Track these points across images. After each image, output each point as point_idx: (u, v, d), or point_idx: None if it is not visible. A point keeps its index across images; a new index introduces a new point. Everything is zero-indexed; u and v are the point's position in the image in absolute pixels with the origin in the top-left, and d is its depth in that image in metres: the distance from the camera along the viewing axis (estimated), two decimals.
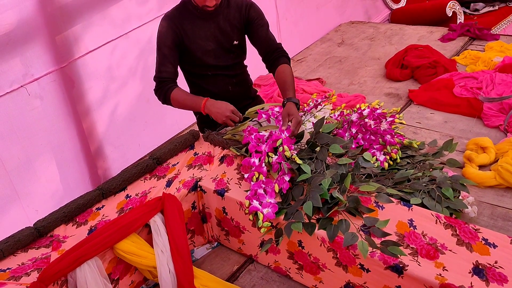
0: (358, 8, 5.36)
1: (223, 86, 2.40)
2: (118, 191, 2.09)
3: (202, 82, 2.40)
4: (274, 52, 2.38)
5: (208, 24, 2.27)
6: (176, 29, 2.24)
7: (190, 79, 2.43)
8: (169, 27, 2.24)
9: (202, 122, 2.50)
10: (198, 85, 2.42)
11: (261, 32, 2.36)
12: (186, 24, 2.25)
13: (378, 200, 1.79)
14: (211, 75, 2.36)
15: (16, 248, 1.81)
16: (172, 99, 2.27)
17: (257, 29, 2.36)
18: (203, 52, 2.29)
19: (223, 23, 2.30)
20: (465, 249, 1.58)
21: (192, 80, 2.42)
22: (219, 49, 2.33)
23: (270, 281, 1.98)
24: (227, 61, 2.37)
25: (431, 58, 3.61)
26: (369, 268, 1.64)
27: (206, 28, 2.27)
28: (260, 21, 2.36)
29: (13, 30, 2.41)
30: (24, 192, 2.62)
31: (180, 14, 2.27)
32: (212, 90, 2.39)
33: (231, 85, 2.42)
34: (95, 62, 2.87)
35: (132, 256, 1.80)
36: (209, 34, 2.28)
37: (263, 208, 1.82)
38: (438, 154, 2.37)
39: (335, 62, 4.17)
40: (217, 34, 2.30)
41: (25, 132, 2.57)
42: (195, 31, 2.26)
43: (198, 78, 2.38)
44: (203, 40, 2.28)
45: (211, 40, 2.29)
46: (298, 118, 2.06)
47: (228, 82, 2.41)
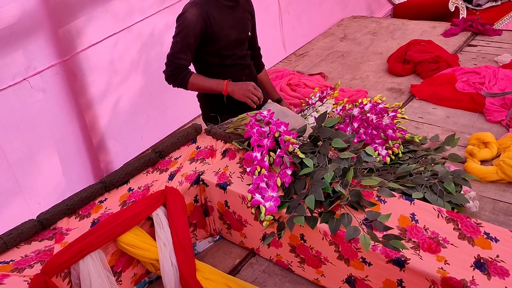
0: (360, 3, 5.34)
1: (238, 77, 2.42)
2: (121, 184, 2.10)
3: (219, 71, 2.40)
4: (257, 52, 2.65)
5: (232, 13, 2.30)
6: (207, 18, 2.22)
7: (207, 69, 2.41)
8: (200, 15, 2.21)
9: (207, 113, 2.51)
10: (215, 74, 2.40)
11: (255, 31, 2.52)
12: (214, 12, 2.25)
13: (380, 194, 1.79)
14: (228, 64, 2.38)
15: (19, 241, 1.81)
16: (190, 83, 2.31)
17: (253, 28, 2.50)
18: (227, 41, 2.32)
19: (242, 13, 2.36)
20: (467, 243, 1.58)
21: (209, 70, 2.40)
22: (239, 38, 2.38)
23: (272, 275, 1.99)
24: (243, 51, 2.43)
25: (434, 53, 3.60)
26: (371, 262, 1.65)
27: (231, 17, 2.30)
28: (255, 25, 2.51)
29: (16, 23, 2.41)
30: (27, 185, 2.63)
31: (209, 1, 2.25)
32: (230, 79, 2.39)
33: (245, 76, 2.46)
34: (98, 56, 2.87)
35: (134, 249, 1.81)
36: (233, 23, 2.31)
37: (265, 202, 1.83)
38: (440, 149, 2.38)
39: (337, 57, 4.16)
40: (238, 24, 2.34)
41: (27, 125, 2.57)
42: (222, 19, 2.26)
43: (216, 67, 2.38)
44: (228, 28, 2.30)
45: (234, 29, 2.32)
46: None
47: (243, 73, 2.45)
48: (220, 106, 2.40)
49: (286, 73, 3.68)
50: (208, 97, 2.44)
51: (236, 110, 2.36)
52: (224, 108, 2.40)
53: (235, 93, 2.27)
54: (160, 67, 3.25)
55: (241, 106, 2.40)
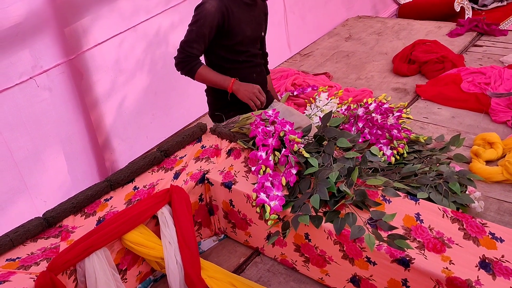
0: (365, 3, 5.33)
1: (248, 74, 2.43)
2: (126, 183, 2.10)
3: (230, 66, 2.40)
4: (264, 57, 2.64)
5: (250, 10, 2.32)
6: (226, 11, 2.23)
7: (219, 63, 2.40)
8: (219, 8, 2.22)
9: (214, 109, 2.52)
10: (226, 69, 2.39)
11: (265, 33, 2.54)
12: (233, 7, 2.26)
13: (385, 194, 1.79)
14: (241, 61, 2.39)
15: (25, 238, 1.82)
16: (198, 73, 2.31)
17: (265, 30, 2.52)
18: (243, 37, 2.33)
19: (258, 12, 2.39)
20: (472, 243, 1.58)
21: (220, 64, 2.40)
22: (254, 36, 2.41)
23: (276, 274, 1.99)
24: (255, 50, 2.46)
25: (439, 53, 3.59)
26: (376, 261, 1.65)
27: (248, 13, 2.32)
28: (266, 31, 2.53)
29: (22, 22, 2.42)
30: (33, 183, 2.64)
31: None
32: (241, 75, 2.40)
33: (256, 74, 2.47)
34: (103, 55, 2.88)
35: (140, 247, 1.82)
36: (249, 20, 2.33)
37: (270, 201, 1.83)
38: (445, 149, 2.38)
39: (342, 57, 4.16)
40: (254, 21, 2.36)
41: (33, 124, 2.58)
42: (240, 15, 2.28)
43: (229, 62, 2.38)
44: (245, 24, 2.31)
45: (250, 26, 2.34)
46: None
47: (254, 71, 2.46)
48: (228, 102, 2.40)
49: (291, 73, 3.67)
50: (216, 93, 2.45)
51: (243, 108, 2.37)
52: (231, 104, 2.41)
53: (239, 92, 2.28)
54: (165, 66, 3.27)
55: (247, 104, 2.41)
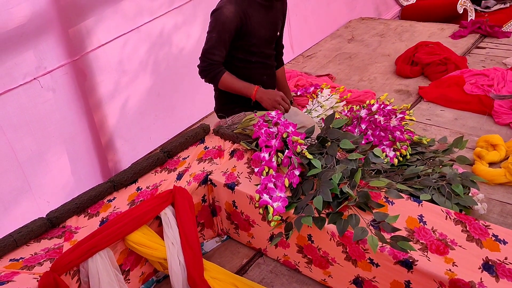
0: (368, 5, 5.34)
1: (260, 75, 2.44)
2: (129, 184, 2.11)
3: (243, 66, 2.40)
4: (281, 49, 2.66)
5: (266, 12, 2.33)
6: (243, 15, 2.24)
7: (231, 61, 2.40)
8: (236, 12, 2.22)
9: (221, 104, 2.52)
10: (237, 68, 2.40)
11: (282, 35, 2.56)
12: (250, 9, 2.27)
13: (388, 196, 1.79)
14: (253, 61, 2.39)
15: (29, 238, 1.83)
16: (221, 81, 2.32)
17: (282, 29, 2.55)
18: (258, 39, 2.34)
19: (275, 13, 2.39)
20: (475, 245, 1.58)
21: (232, 63, 2.39)
22: (270, 37, 2.41)
23: (279, 275, 1.99)
24: (269, 51, 2.47)
25: (442, 55, 3.59)
26: (379, 263, 1.65)
27: (264, 15, 2.32)
28: (284, 24, 2.55)
29: (26, 23, 2.43)
30: (36, 184, 2.64)
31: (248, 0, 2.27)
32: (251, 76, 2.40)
33: (266, 76, 2.48)
34: (107, 56, 2.88)
35: (143, 248, 1.82)
36: (265, 22, 2.33)
37: (273, 202, 1.83)
38: (448, 151, 2.38)
39: (345, 58, 4.16)
40: (270, 23, 2.37)
41: (37, 124, 2.59)
42: (257, 17, 2.29)
43: (241, 62, 2.39)
44: (261, 26, 2.32)
45: (266, 28, 2.35)
46: None
47: (264, 72, 2.47)
48: (236, 98, 2.41)
49: (294, 74, 3.68)
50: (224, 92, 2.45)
51: (249, 107, 2.39)
52: (238, 100, 2.42)
53: (263, 100, 2.29)
54: (168, 67, 3.28)
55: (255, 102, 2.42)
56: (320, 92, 3.05)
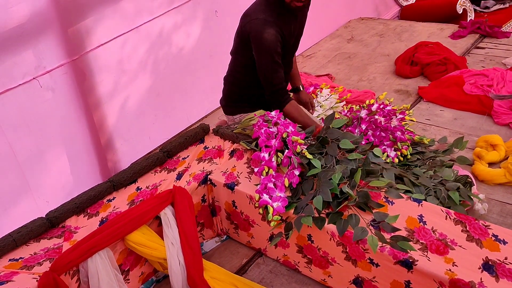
0: (368, 5, 5.34)
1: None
2: (129, 184, 2.11)
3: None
4: None
5: (293, 20, 2.32)
6: (281, 33, 2.24)
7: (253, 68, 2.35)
8: (277, 33, 2.21)
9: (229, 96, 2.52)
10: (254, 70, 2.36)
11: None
12: (284, 25, 2.26)
13: (388, 196, 1.79)
14: None
15: (28, 238, 1.83)
16: (285, 110, 2.31)
17: None
18: (287, 48, 2.35)
19: (301, 18, 2.40)
20: (475, 245, 1.58)
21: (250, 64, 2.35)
22: (296, 43, 2.46)
23: (278, 275, 1.99)
24: (292, 55, 2.51)
25: (441, 55, 3.59)
26: (379, 263, 1.65)
27: (293, 24, 2.33)
28: None
29: (26, 22, 2.42)
30: (35, 184, 2.64)
31: (278, 15, 2.23)
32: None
33: (287, 80, 2.50)
34: (106, 55, 2.88)
35: (142, 248, 1.82)
36: (293, 30, 2.34)
37: (273, 202, 1.83)
38: (448, 151, 2.38)
39: (344, 58, 4.16)
40: (296, 31, 2.38)
41: (36, 124, 2.58)
42: (286, 28, 2.28)
43: None
44: (290, 36, 2.34)
45: (293, 36, 2.37)
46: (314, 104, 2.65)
47: (286, 77, 2.48)
48: (245, 95, 2.44)
49: None
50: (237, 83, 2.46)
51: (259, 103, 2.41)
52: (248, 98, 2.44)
53: None
54: (168, 67, 3.27)
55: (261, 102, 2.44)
56: (319, 92, 3.05)
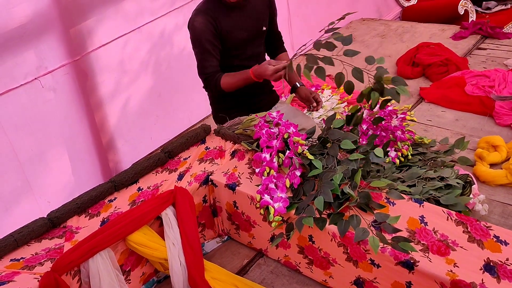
0: (369, 5, 5.34)
1: None
2: (130, 184, 2.10)
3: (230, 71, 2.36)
4: (278, 41, 2.60)
5: (240, 13, 2.30)
6: (212, 20, 2.23)
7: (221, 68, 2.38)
8: (206, 20, 2.22)
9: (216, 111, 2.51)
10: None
11: (275, 22, 2.52)
12: (220, 16, 2.25)
13: (389, 196, 1.79)
14: (236, 65, 2.35)
15: (29, 238, 1.83)
16: (222, 85, 2.28)
17: (273, 19, 2.50)
18: (236, 42, 2.32)
19: (253, 9, 2.35)
20: (476, 246, 1.58)
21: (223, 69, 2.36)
22: (251, 37, 2.37)
23: (280, 275, 1.99)
24: (256, 49, 2.42)
25: (443, 56, 3.59)
26: (380, 264, 1.65)
27: (238, 17, 2.30)
28: (275, 11, 2.49)
29: (28, 23, 2.43)
30: (37, 184, 2.65)
31: (212, 6, 2.25)
32: None
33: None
34: (108, 56, 2.89)
35: (143, 248, 1.82)
36: (241, 23, 2.31)
37: (274, 203, 1.83)
38: (449, 151, 2.37)
39: (345, 59, 4.15)
40: (248, 22, 2.33)
41: (38, 124, 2.59)
42: (228, 21, 2.27)
43: (225, 68, 2.36)
44: (237, 29, 2.30)
45: (244, 29, 2.32)
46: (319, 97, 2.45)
47: None
48: (230, 104, 2.40)
49: None
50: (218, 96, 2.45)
51: (245, 110, 2.38)
52: (233, 106, 2.41)
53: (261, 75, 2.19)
54: (169, 67, 3.28)
55: (250, 105, 2.42)
56: (321, 93, 3.05)
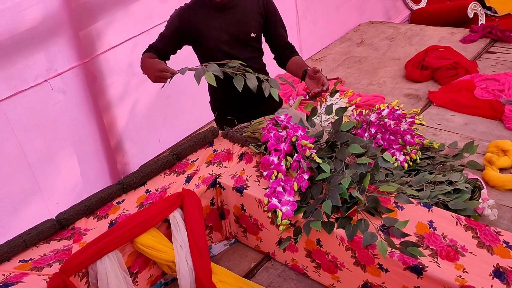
0: (378, 8, 5.33)
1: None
2: (138, 186, 2.11)
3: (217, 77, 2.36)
4: (287, 49, 2.48)
5: (223, 15, 2.29)
6: (185, 19, 2.28)
7: None
8: (178, 15, 2.31)
9: (221, 118, 2.51)
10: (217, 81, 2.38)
11: (275, 28, 2.43)
12: (200, 15, 2.27)
13: (398, 201, 1.78)
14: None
15: (38, 240, 1.83)
16: (141, 62, 2.29)
17: (272, 26, 2.42)
18: (216, 43, 2.30)
19: (240, 14, 2.31)
20: (486, 251, 1.57)
21: None
22: (234, 41, 2.32)
23: (287, 279, 1.98)
24: (243, 55, 2.34)
25: (452, 60, 3.57)
26: (388, 268, 1.64)
27: (221, 19, 2.29)
28: (275, 17, 2.42)
29: (38, 25, 2.45)
30: (46, 185, 2.66)
31: (195, 5, 2.31)
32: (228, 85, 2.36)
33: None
34: (117, 58, 2.90)
35: (151, 250, 1.82)
36: (223, 25, 2.29)
37: (282, 206, 1.83)
38: (458, 156, 2.36)
39: (354, 62, 4.15)
40: (232, 26, 2.30)
41: (47, 126, 2.61)
42: (208, 21, 2.27)
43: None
44: (217, 30, 2.29)
45: (225, 31, 2.30)
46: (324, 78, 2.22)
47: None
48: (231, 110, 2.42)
49: None
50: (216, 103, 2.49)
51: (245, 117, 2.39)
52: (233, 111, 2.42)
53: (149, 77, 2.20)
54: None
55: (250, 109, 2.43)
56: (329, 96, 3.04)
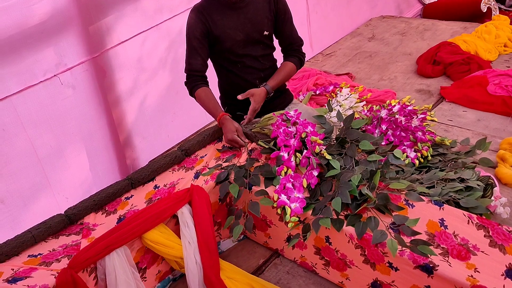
0: (389, 3, 5.27)
1: (251, 80, 2.40)
2: (147, 181, 2.11)
3: (230, 74, 2.41)
4: (291, 50, 2.50)
5: (237, 14, 2.29)
6: (204, 19, 2.26)
7: (220, 70, 2.45)
8: (197, 18, 2.27)
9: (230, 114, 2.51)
10: (226, 77, 2.43)
11: (285, 26, 2.44)
12: (215, 15, 2.27)
13: (408, 198, 1.76)
14: (240, 67, 2.37)
15: (47, 235, 1.84)
16: (196, 96, 2.34)
17: (283, 23, 2.42)
18: (232, 43, 2.31)
19: (253, 13, 2.32)
20: (498, 251, 1.54)
21: (222, 71, 2.44)
22: (249, 39, 2.34)
23: (296, 276, 1.97)
24: (257, 52, 2.38)
25: (465, 55, 3.53)
26: (398, 267, 1.62)
27: (235, 18, 2.29)
28: (284, 16, 2.42)
29: (47, 20, 2.45)
30: (55, 180, 2.67)
31: (209, 4, 2.29)
32: (239, 83, 2.39)
33: (259, 79, 2.41)
34: (126, 53, 2.89)
35: (159, 246, 1.82)
36: (238, 24, 2.29)
37: (291, 203, 1.81)
38: (470, 152, 2.32)
39: (365, 57, 4.11)
40: (246, 24, 2.31)
41: (57, 121, 2.61)
42: (224, 21, 2.27)
43: (227, 70, 2.40)
44: (232, 30, 2.29)
45: (240, 30, 2.31)
46: (254, 106, 2.28)
47: (256, 76, 2.41)
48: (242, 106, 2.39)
49: (313, 73, 3.65)
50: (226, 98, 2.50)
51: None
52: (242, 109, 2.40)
53: (223, 132, 2.27)
54: None
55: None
56: (339, 91, 3.02)
